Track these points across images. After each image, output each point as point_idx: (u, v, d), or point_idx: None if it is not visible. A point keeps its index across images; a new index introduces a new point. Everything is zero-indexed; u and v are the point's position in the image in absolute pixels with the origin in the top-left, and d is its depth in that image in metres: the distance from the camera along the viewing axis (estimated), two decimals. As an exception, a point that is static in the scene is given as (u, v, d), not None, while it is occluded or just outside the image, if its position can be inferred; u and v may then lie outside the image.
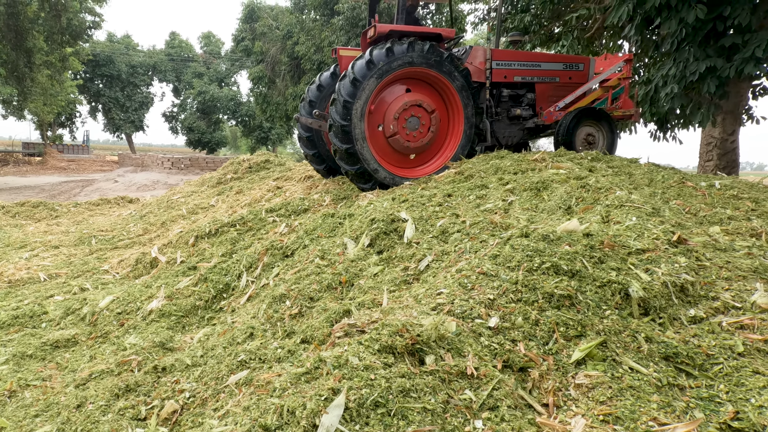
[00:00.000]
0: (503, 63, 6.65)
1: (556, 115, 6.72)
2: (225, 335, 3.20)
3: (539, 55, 7.01)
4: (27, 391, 3.07)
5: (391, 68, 5.52)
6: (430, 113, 5.79)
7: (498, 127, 6.83)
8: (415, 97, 5.79)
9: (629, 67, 6.96)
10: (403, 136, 5.76)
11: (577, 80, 7.02)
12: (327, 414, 1.72)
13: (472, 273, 2.62)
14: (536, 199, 3.82)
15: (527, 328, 2.28)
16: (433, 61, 5.66)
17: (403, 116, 5.74)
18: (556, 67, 6.93)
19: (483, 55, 6.51)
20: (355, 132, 5.48)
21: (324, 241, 4.01)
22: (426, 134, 5.81)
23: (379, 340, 2.10)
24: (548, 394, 2.05)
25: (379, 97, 5.81)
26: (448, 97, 5.93)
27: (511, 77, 6.74)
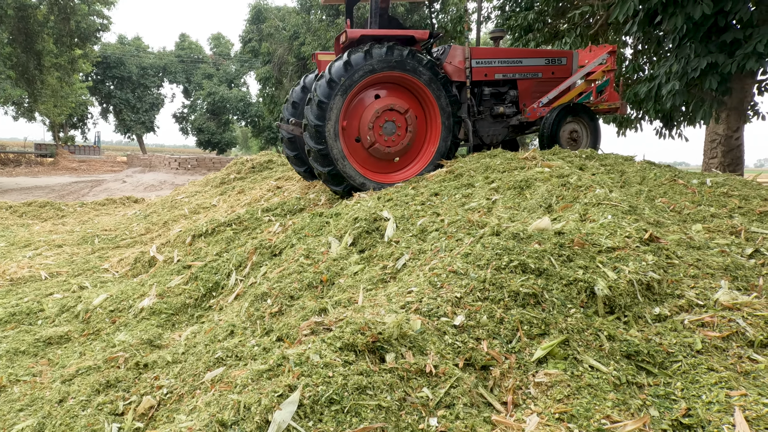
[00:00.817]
0: (483, 61, 6.59)
1: (540, 111, 6.66)
2: (209, 333, 3.26)
3: (520, 51, 6.92)
4: (16, 386, 3.16)
5: (354, 81, 5.47)
6: (404, 114, 5.74)
7: (481, 126, 6.76)
8: (385, 102, 5.72)
9: (613, 58, 6.84)
10: (382, 143, 5.74)
11: (560, 75, 6.93)
12: (280, 410, 1.76)
13: (443, 271, 2.64)
14: (519, 198, 3.83)
15: (492, 327, 2.30)
16: (394, 63, 5.57)
17: (377, 123, 5.70)
18: (538, 63, 6.84)
19: (462, 54, 6.45)
20: (333, 153, 5.47)
21: (310, 240, 4.06)
22: (405, 136, 5.77)
23: (342, 337, 2.13)
24: (508, 392, 2.07)
25: (351, 110, 5.77)
26: (419, 94, 5.87)
27: (491, 75, 6.67)
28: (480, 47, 6.79)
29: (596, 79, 6.86)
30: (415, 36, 6.01)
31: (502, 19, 12.17)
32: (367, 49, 5.49)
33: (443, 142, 5.83)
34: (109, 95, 44.89)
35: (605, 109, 6.82)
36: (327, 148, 5.46)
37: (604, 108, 6.80)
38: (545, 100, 6.66)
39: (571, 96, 6.80)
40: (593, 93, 6.83)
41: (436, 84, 5.73)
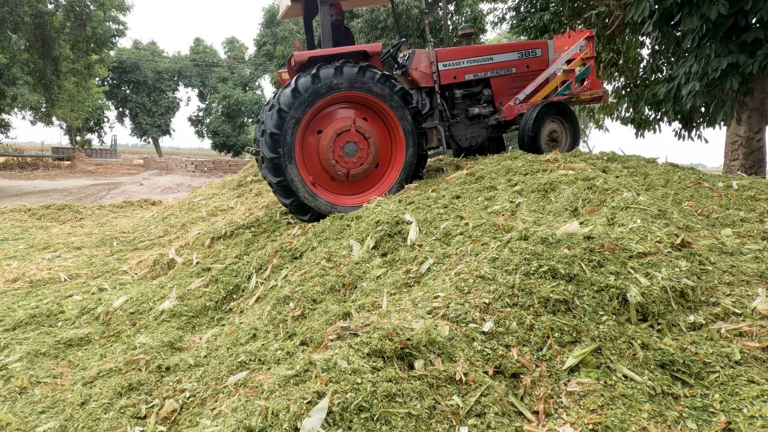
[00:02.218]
0: (451, 63, 6.30)
1: (517, 108, 6.34)
2: (231, 336, 3.25)
3: (490, 48, 6.57)
4: (37, 388, 3.17)
5: (303, 111, 5.20)
6: (364, 134, 5.44)
7: (458, 130, 6.47)
8: (342, 122, 5.43)
9: (592, 44, 6.49)
10: (344, 165, 5.43)
11: (536, 67, 6.58)
12: (309, 417, 1.73)
13: (470, 276, 2.60)
14: (543, 201, 3.77)
15: (521, 334, 2.25)
16: (344, 83, 5.26)
17: (338, 145, 5.40)
18: (510, 58, 6.51)
19: (427, 57, 6.17)
20: (294, 183, 5.25)
21: (331, 243, 4.04)
22: (367, 156, 5.46)
23: (370, 343, 2.10)
24: (539, 401, 2.02)
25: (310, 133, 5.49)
26: (379, 110, 5.55)
27: (461, 76, 6.37)
28: (446, 48, 6.49)
29: (575, 67, 6.50)
30: (368, 51, 5.74)
31: (517, 20, 12.09)
32: (315, 73, 5.21)
33: (409, 158, 5.53)
34: (125, 99, 45.46)
35: (588, 99, 6.49)
36: (286, 179, 5.23)
37: (586, 98, 6.45)
38: (522, 97, 6.35)
39: (549, 89, 6.45)
40: (573, 83, 6.47)
41: (393, 98, 5.40)
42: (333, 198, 5.54)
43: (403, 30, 18.52)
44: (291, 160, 5.24)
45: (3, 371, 3.61)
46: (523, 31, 11.50)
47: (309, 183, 5.39)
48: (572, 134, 6.28)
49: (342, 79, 5.25)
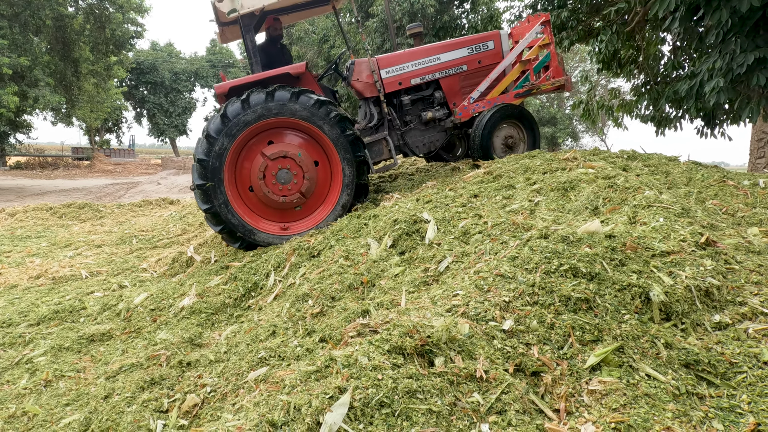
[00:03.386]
0: (394, 69, 6.00)
1: (472, 108, 6.02)
2: (250, 333, 3.28)
3: (436, 47, 6.19)
4: (61, 381, 3.23)
5: (233, 139, 5.08)
6: (296, 160, 5.23)
7: (413, 136, 6.20)
8: (274, 149, 5.25)
9: (549, 29, 6.07)
10: (278, 193, 5.26)
11: (489, 62, 6.18)
12: (331, 412, 1.74)
13: (490, 275, 2.59)
14: (563, 200, 3.74)
15: (542, 332, 2.24)
16: (275, 108, 5.09)
17: (269, 173, 5.22)
18: (459, 55, 6.14)
19: (368, 67, 5.90)
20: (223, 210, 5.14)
21: (349, 242, 4.05)
22: (302, 182, 5.26)
23: (390, 340, 2.11)
24: (560, 399, 2.00)
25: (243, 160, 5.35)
26: (312, 134, 5.33)
27: (407, 82, 6.05)
28: (387, 54, 6.17)
29: (532, 57, 6.09)
30: (291, 72, 5.41)
31: (534, 17, 11.99)
32: (245, 98, 5.09)
33: (348, 180, 5.28)
34: (142, 100, 46.09)
35: (550, 89, 6.04)
36: (214, 207, 5.12)
37: (548, 87, 6.02)
38: (476, 95, 6.00)
39: (507, 82, 6.05)
40: (531, 74, 6.05)
41: (317, 117, 5.16)
42: (264, 225, 5.36)
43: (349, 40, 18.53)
44: (220, 187, 5.11)
45: (28, 365, 3.69)
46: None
47: (239, 210, 5.23)
48: (531, 140, 5.95)
49: (273, 104, 5.08)
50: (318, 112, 5.17)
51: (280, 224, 5.47)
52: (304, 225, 5.38)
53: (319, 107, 5.18)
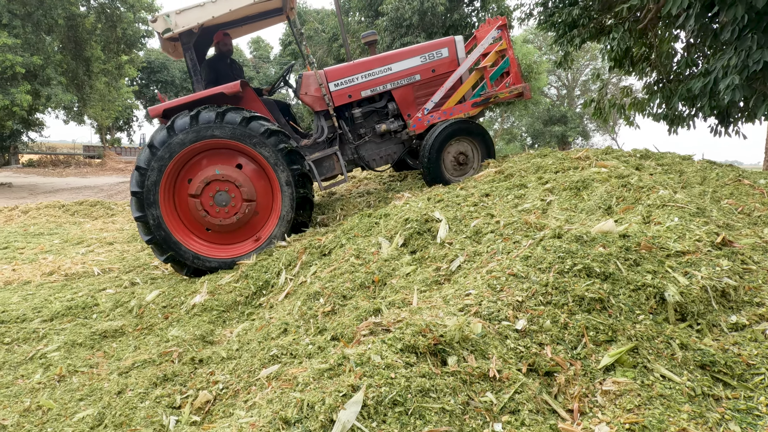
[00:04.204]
0: (343, 82, 5.82)
1: (426, 119, 5.76)
2: (261, 330, 3.29)
3: (387, 57, 5.95)
4: (75, 376, 3.27)
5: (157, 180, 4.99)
6: (234, 182, 5.15)
7: (368, 150, 6.03)
8: (206, 173, 5.13)
9: (506, 33, 5.78)
10: (216, 216, 5.17)
11: (444, 70, 5.91)
12: (344, 410, 1.74)
13: (502, 274, 2.58)
14: (576, 199, 3.71)
15: (555, 332, 2.23)
16: (186, 137, 4.97)
17: (206, 195, 5.14)
18: (411, 64, 5.89)
19: (315, 80, 5.74)
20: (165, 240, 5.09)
21: (360, 241, 4.06)
22: (240, 204, 5.17)
23: (403, 339, 2.11)
24: (574, 399, 1.99)
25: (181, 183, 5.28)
26: (241, 150, 5.20)
27: (357, 94, 5.85)
28: (336, 66, 6.00)
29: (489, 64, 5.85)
30: (225, 92, 5.23)
31: (545, 15, 11.88)
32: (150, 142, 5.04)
33: (288, 201, 5.13)
34: (153, 99, 46.41)
35: (507, 96, 5.71)
36: (154, 237, 5.07)
37: (506, 96, 5.69)
38: (430, 105, 5.74)
39: (463, 91, 5.80)
40: (487, 82, 5.77)
41: (247, 135, 5.04)
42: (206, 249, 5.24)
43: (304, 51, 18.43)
44: (155, 204, 5.03)
45: (42, 360, 3.74)
46: (551, 27, 11.30)
47: (182, 238, 5.17)
48: (485, 153, 5.65)
49: (198, 127, 4.98)
50: (246, 129, 5.04)
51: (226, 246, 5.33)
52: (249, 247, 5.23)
53: (246, 124, 5.06)
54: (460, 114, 5.73)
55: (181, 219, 5.29)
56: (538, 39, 37.16)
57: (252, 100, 5.62)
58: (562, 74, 41.61)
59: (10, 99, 18.30)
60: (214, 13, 5.17)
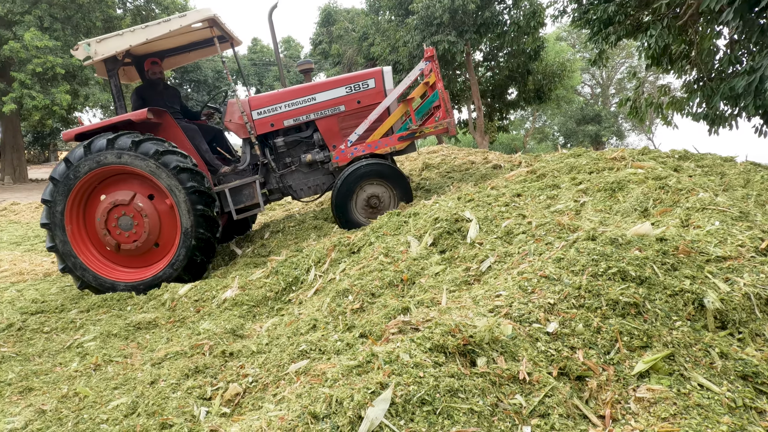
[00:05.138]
0: (267, 110, 5.81)
1: (350, 151, 5.64)
2: (290, 326, 3.33)
3: (311, 87, 5.90)
4: (110, 365, 3.37)
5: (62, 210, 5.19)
6: (137, 208, 5.28)
7: (296, 179, 6.02)
8: (114, 197, 5.30)
9: (435, 66, 5.59)
10: (124, 241, 5.32)
11: (369, 102, 5.78)
12: (373, 407, 1.74)
13: (534, 276, 2.54)
14: (610, 201, 3.63)
15: (588, 336, 2.18)
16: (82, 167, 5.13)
17: (112, 217, 5.29)
18: (336, 95, 5.82)
19: (239, 108, 5.75)
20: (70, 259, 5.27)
21: (389, 239, 4.06)
22: (143, 228, 5.29)
23: (432, 338, 2.10)
24: (606, 405, 1.95)
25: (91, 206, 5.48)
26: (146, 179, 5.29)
27: (280, 123, 5.84)
28: (260, 95, 6.01)
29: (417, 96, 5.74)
30: (132, 119, 5.32)
31: (579, 12, 11.62)
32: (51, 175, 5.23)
33: (188, 225, 5.18)
34: (186, 98, 47.49)
35: (432, 132, 5.57)
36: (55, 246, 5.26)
37: (431, 130, 5.54)
38: (354, 138, 5.62)
39: (390, 123, 5.64)
40: (412, 116, 5.58)
41: (139, 158, 5.11)
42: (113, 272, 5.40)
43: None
44: (62, 229, 5.20)
45: (79, 349, 3.87)
46: (585, 24, 11.04)
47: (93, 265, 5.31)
48: (401, 195, 5.43)
49: (92, 155, 5.12)
50: (137, 152, 5.11)
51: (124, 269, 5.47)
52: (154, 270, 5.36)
53: (136, 148, 5.13)
54: (385, 147, 5.63)
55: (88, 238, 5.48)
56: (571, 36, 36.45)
57: (170, 126, 5.73)
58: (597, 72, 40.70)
59: (51, 99, 19.00)
60: (131, 42, 5.37)
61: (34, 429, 2.59)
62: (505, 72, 21.88)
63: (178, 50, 6.52)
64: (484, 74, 23.40)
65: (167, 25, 5.26)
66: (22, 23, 18.90)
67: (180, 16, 5.27)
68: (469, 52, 20.24)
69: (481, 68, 23.42)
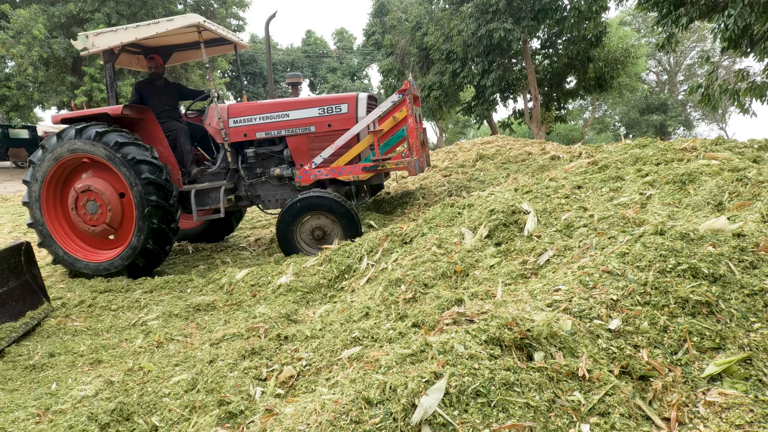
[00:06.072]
0: (242, 119, 5.90)
1: (314, 173, 5.63)
2: (343, 313, 3.37)
3: (287, 104, 5.92)
4: (171, 344, 3.53)
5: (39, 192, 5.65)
6: (99, 194, 5.62)
7: (265, 190, 6.11)
8: (83, 183, 5.66)
9: (407, 99, 5.41)
10: (86, 222, 5.71)
11: (339, 126, 5.73)
12: (427, 396, 1.73)
13: (596, 271, 2.44)
14: (680, 193, 3.42)
15: (653, 335, 2.07)
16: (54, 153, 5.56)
17: (79, 204, 5.66)
18: (308, 114, 5.81)
19: (217, 114, 5.87)
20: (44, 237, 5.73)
21: (442, 230, 4.02)
22: (105, 214, 5.65)
23: (487, 330, 2.06)
24: (671, 407, 1.85)
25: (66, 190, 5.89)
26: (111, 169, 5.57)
27: (252, 134, 5.91)
28: (239, 104, 6.08)
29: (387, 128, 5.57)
30: (109, 113, 5.64)
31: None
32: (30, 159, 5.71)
33: (141, 216, 5.45)
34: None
35: (393, 168, 5.49)
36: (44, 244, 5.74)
37: (391, 166, 5.45)
38: (319, 160, 5.62)
39: (355, 153, 5.59)
40: (376, 149, 5.50)
41: (101, 147, 5.42)
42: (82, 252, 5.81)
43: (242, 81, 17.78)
44: (38, 208, 5.68)
45: (143, 327, 4.08)
46: (653, 7, 10.42)
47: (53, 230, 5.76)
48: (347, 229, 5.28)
49: (64, 143, 5.52)
50: (99, 143, 5.43)
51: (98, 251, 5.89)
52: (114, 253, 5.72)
53: (100, 138, 5.44)
54: (348, 175, 5.60)
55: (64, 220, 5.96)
56: (636, 20, 34.63)
57: (150, 123, 6.00)
58: (663, 58, 38.44)
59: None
60: (122, 39, 5.72)
61: (103, 398, 2.75)
62: (564, 59, 21.07)
63: (187, 46, 6.80)
64: (542, 62, 22.65)
65: (155, 27, 5.60)
66: (92, 20, 20.00)
67: (167, 20, 5.63)
68: (526, 39, 19.62)
69: (538, 56, 22.68)
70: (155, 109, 6.19)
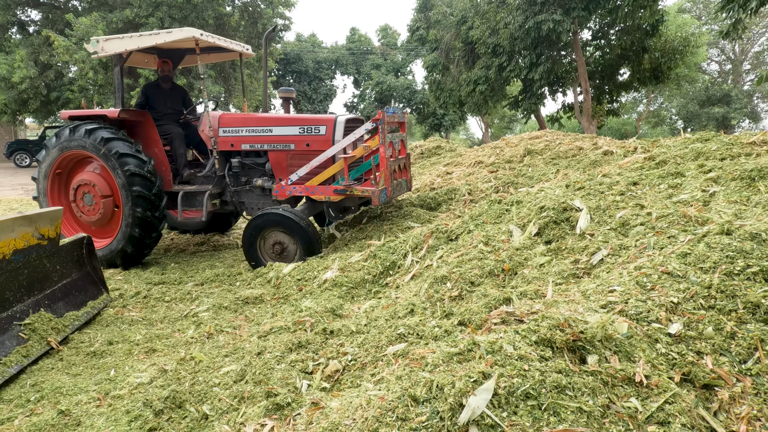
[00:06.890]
0: (230, 130, 6.13)
1: (289, 189, 5.75)
2: (388, 309, 3.36)
3: (271, 119, 6.07)
4: (221, 335, 3.62)
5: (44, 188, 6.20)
6: (94, 186, 6.04)
7: (249, 199, 6.33)
8: (83, 176, 6.11)
9: (382, 128, 5.34)
10: (84, 213, 6.21)
11: (316, 147, 5.81)
12: (475, 396, 1.69)
13: (654, 272, 2.32)
14: (748, 191, 3.21)
15: (719, 341, 1.95)
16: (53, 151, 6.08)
17: (79, 195, 6.16)
18: (289, 132, 5.93)
19: (209, 122, 6.10)
20: None
21: (489, 227, 3.94)
22: (99, 206, 6.09)
23: (538, 331, 1.99)
24: (740, 421, 1.73)
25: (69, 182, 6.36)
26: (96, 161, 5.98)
27: (238, 145, 6.14)
28: (231, 114, 6.27)
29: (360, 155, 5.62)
30: (107, 115, 6.09)
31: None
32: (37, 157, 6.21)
33: (126, 204, 5.85)
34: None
35: (359, 195, 5.51)
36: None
37: (357, 193, 5.48)
38: (294, 177, 5.74)
39: (328, 174, 5.62)
40: (346, 174, 5.53)
41: (90, 144, 5.86)
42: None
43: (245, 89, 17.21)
44: (46, 203, 6.26)
45: (194, 318, 4.21)
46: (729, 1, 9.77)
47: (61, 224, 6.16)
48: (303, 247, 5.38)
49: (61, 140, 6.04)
50: (88, 140, 5.90)
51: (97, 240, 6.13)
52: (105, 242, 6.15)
53: (89, 135, 5.90)
54: (320, 195, 5.69)
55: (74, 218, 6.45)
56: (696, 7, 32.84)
57: (147, 125, 6.36)
58: (727, 46, 36.25)
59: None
60: (127, 47, 6.04)
61: (157, 385, 2.85)
62: (617, 50, 20.22)
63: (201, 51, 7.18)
64: (593, 54, 21.85)
65: (154, 38, 5.92)
66: (147, 25, 20.83)
67: (166, 32, 5.87)
68: (577, 30, 18.96)
69: (589, 47, 21.89)
70: (158, 111, 6.59)
